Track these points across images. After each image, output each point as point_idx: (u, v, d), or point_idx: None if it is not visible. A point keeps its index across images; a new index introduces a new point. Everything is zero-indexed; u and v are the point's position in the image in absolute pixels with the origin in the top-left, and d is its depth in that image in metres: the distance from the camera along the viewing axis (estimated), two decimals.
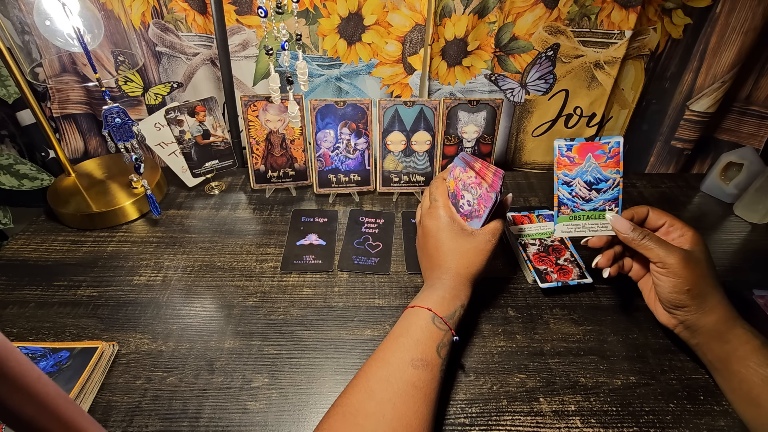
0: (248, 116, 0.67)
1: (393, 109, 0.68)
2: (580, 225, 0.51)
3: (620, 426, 0.43)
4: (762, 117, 0.75)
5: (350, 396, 0.39)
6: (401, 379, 0.39)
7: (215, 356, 0.49)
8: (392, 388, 0.39)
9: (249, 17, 0.70)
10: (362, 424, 0.37)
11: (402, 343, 0.42)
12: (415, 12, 0.68)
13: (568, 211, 0.51)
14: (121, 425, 0.43)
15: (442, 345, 0.42)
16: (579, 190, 0.51)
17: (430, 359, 0.41)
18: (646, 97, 0.78)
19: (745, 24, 0.66)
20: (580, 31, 0.70)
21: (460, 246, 0.49)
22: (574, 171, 0.51)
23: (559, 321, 0.54)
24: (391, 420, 0.37)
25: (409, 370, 0.40)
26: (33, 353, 0.47)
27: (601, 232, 0.51)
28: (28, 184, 0.72)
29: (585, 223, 0.51)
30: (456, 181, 0.53)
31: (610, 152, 0.50)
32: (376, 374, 0.40)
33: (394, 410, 0.38)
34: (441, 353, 0.42)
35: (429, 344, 0.42)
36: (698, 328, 0.45)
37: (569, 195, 0.51)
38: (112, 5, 0.64)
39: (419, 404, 0.39)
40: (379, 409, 0.38)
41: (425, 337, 0.42)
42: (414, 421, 0.38)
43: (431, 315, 0.44)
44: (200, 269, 0.60)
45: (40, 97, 0.78)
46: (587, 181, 0.50)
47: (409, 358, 0.41)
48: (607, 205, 0.50)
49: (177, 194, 0.73)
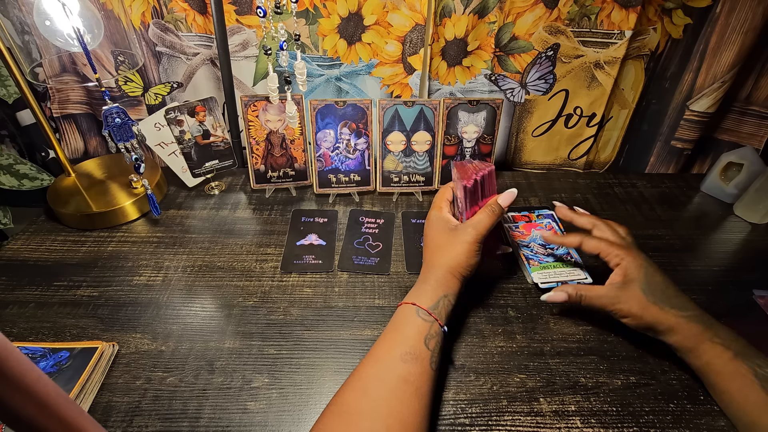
0: (248, 116, 0.67)
1: (393, 109, 0.68)
2: (552, 273, 0.58)
3: (620, 426, 0.43)
4: (762, 117, 0.75)
5: (344, 395, 0.40)
6: (393, 375, 0.40)
7: (215, 356, 0.49)
8: (385, 385, 0.39)
9: (249, 17, 0.70)
10: (357, 422, 0.37)
11: (391, 339, 0.43)
12: (415, 12, 0.68)
13: (536, 263, 0.59)
14: (121, 425, 0.43)
15: (429, 337, 0.43)
16: (537, 248, 0.62)
17: (419, 352, 0.41)
18: (646, 97, 0.78)
19: (745, 24, 0.66)
20: (580, 31, 0.70)
21: (442, 240, 0.51)
22: (528, 239, 0.63)
23: (559, 321, 0.54)
24: (387, 416, 0.37)
25: (400, 365, 0.40)
26: (33, 353, 0.47)
27: (572, 277, 0.57)
28: (28, 184, 0.72)
29: (555, 271, 0.58)
30: (454, 184, 0.56)
31: (546, 227, 0.65)
32: (369, 372, 0.41)
33: (389, 407, 0.38)
34: (429, 345, 0.42)
35: (416, 338, 0.42)
36: (670, 345, 0.47)
37: (531, 253, 0.61)
38: (112, 5, 0.64)
39: (411, 399, 0.39)
40: (373, 407, 0.38)
41: (412, 331, 0.43)
42: (408, 417, 0.38)
43: (416, 309, 0.45)
44: (200, 269, 0.60)
45: (40, 97, 0.78)
46: (541, 244, 0.62)
47: (399, 353, 0.41)
48: (566, 256, 0.60)
49: (177, 194, 0.73)
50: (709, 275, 0.60)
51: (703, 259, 0.63)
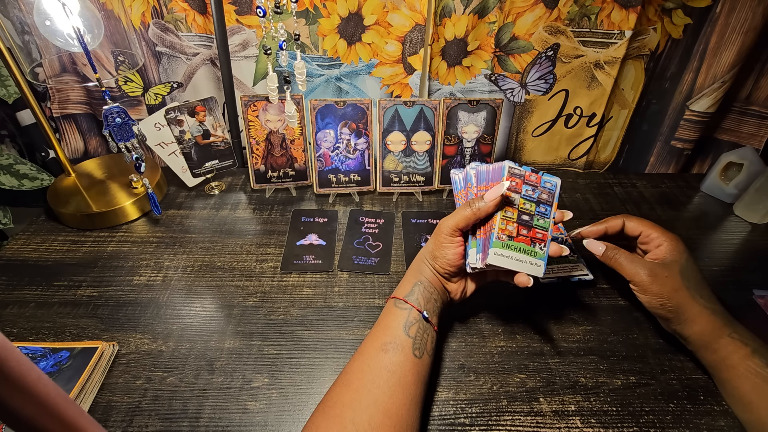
0: (248, 116, 0.67)
1: (393, 109, 0.68)
2: (555, 268, 0.56)
3: (620, 426, 0.43)
4: (762, 117, 0.75)
5: (330, 391, 0.40)
6: (374, 366, 0.40)
7: (215, 356, 0.49)
8: (366, 376, 0.40)
9: (249, 17, 0.70)
10: (339, 414, 0.37)
11: (374, 333, 0.44)
12: (415, 12, 0.68)
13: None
14: (121, 425, 0.43)
15: (408, 324, 0.43)
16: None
17: (401, 341, 0.42)
18: (646, 97, 0.78)
19: (745, 24, 0.66)
20: (580, 31, 0.70)
21: None
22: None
23: (559, 321, 0.54)
24: (368, 406, 0.37)
25: (381, 355, 0.41)
26: (33, 353, 0.47)
27: (574, 273, 0.55)
28: (28, 184, 0.72)
29: (558, 267, 0.56)
30: None
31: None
32: (352, 366, 0.41)
33: (371, 397, 0.38)
34: (410, 332, 0.42)
35: (396, 326, 0.43)
36: (685, 338, 0.46)
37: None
38: (112, 5, 0.64)
39: (394, 388, 0.39)
40: (355, 397, 0.38)
41: (392, 322, 0.43)
42: (391, 407, 0.38)
43: (393, 300, 0.46)
44: (200, 269, 0.60)
45: (40, 97, 0.78)
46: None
47: (380, 344, 0.42)
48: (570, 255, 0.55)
49: (177, 194, 0.73)
50: (709, 275, 0.60)
51: (703, 259, 0.63)
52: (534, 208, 0.47)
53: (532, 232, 0.45)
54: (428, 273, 0.47)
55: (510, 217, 0.45)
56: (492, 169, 0.48)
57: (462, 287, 0.49)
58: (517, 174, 0.47)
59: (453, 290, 0.48)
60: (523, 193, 0.47)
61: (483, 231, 0.46)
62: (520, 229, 0.45)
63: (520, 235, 0.45)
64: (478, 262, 0.45)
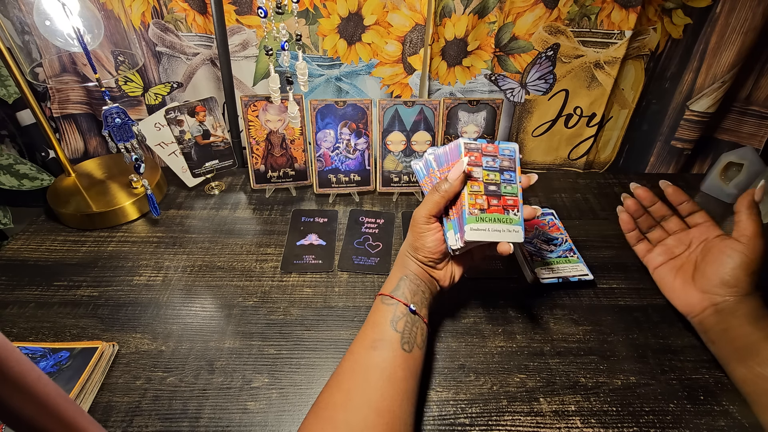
0: (248, 116, 0.67)
1: (393, 109, 0.68)
2: (556, 267, 0.57)
3: (620, 426, 0.43)
4: (762, 117, 0.75)
5: (323, 392, 0.40)
6: (364, 365, 0.40)
7: (215, 356, 0.49)
8: (356, 375, 0.40)
9: (249, 17, 0.70)
10: (332, 415, 0.37)
11: (362, 331, 0.44)
12: (415, 12, 0.68)
13: (538, 259, 0.56)
14: (121, 425, 0.43)
15: (395, 319, 0.43)
16: (540, 244, 0.61)
17: (389, 337, 0.42)
18: (646, 97, 0.78)
19: (745, 24, 0.66)
20: (580, 31, 0.70)
21: None
22: (531, 234, 0.63)
23: (559, 321, 0.54)
24: (360, 406, 0.37)
25: (370, 353, 0.41)
26: (33, 353, 0.47)
27: (574, 273, 0.56)
28: (28, 184, 0.72)
29: (558, 266, 0.57)
30: None
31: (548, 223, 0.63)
32: (343, 366, 0.41)
33: (361, 395, 0.38)
34: (397, 327, 0.42)
35: (383, 322, 0.43)
36: (735, 311, 0.45)
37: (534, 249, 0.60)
38: (112, 5, 0.64)
39: (384, 386, 0.39)
40: (346, 398, 0.38)
41: (379, 318, 0.43)
42: (383, 404, 0.38)
43: (380, 297, 0.46)
44: (200, 269, 0.60)
45: (40, 97, 0.78)
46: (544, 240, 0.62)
47: (369, 342, 0.42)
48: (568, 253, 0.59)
49: (177, 194, 0.73)
50: None
51: None
52: (498, 177, 0.47)
53: (502, 201, 0.46)
54: (413, 266, 0.47)
55: (477, 191, 0.46)
56: (449, 150, 0.48)
57: (450, 272, 0.48)
58: (474, 148, 0.47)
59: (441, 277, 0.48)
60: (484, 165, 0.47)
61: (455, 211, 0.46)
62: (490, 200, 0.46)
63: (492, 206, 0.45)
64: (458, 242, 0.45)
